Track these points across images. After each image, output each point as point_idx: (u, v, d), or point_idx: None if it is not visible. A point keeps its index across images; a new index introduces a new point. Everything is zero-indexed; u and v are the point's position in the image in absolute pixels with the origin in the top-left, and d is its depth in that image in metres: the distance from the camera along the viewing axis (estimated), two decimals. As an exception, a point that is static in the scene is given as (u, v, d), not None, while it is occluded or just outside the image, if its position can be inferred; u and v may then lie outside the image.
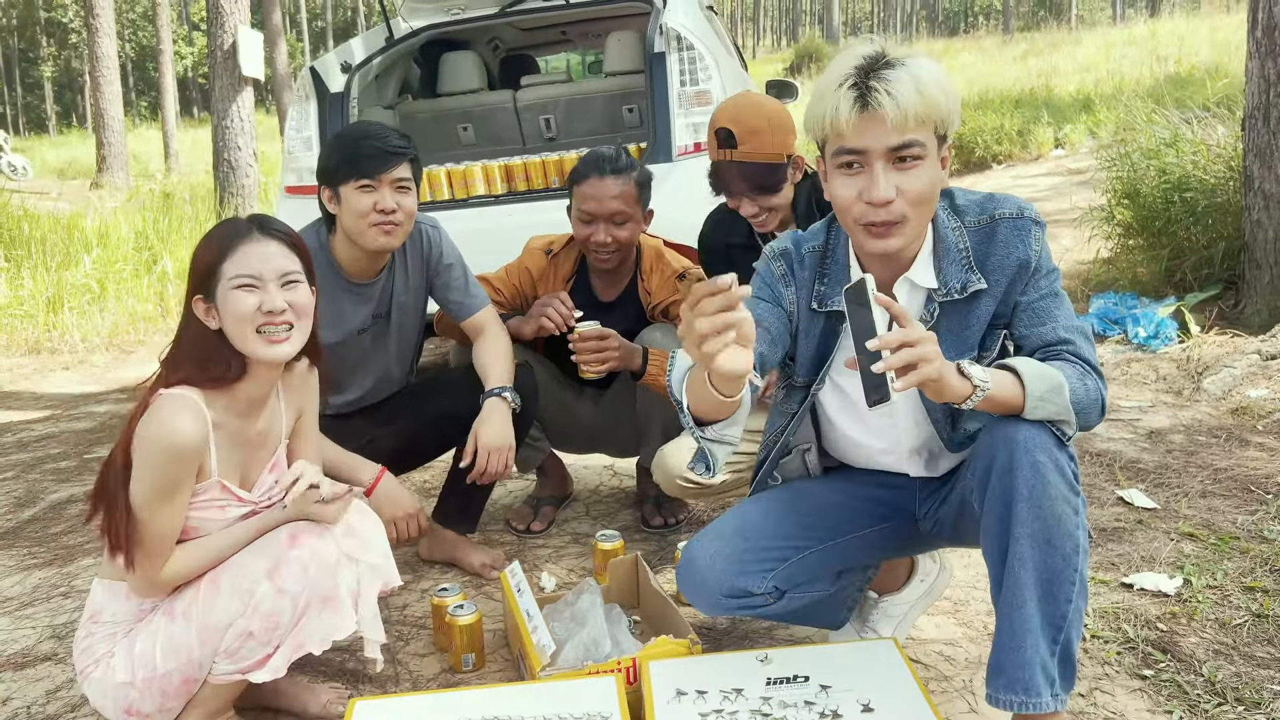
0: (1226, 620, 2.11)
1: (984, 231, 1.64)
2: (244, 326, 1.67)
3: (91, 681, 1.74)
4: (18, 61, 48.34)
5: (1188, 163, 4.91)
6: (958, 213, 1.66)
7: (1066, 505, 1.45)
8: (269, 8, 21.54)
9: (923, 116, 1.47)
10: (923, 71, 1.48)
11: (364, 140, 2.27)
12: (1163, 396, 3.72)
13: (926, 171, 1.51)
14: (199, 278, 1.70)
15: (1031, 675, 1.45)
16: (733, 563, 1.71)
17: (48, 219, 7.76)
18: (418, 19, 4.74)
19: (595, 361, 2.49)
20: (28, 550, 2.94)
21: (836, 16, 36.20)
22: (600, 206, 2.50)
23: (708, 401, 1.47)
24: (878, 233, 1.53)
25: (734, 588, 1.71)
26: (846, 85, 1.48)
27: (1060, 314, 1.62)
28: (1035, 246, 1.62)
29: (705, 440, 1.56)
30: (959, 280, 1.63)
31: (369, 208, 2.24)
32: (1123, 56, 17.05)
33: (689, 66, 3.72)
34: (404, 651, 2.20)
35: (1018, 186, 10.50)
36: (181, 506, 1.66)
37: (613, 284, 2.69)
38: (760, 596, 1.73)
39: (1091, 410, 1.54)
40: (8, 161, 16.84)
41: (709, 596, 1.74)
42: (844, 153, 1.51)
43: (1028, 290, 1.63)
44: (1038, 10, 49.36)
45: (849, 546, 1.82)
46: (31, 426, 4.43)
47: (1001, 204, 1.65)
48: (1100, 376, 1.59)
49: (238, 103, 8.83)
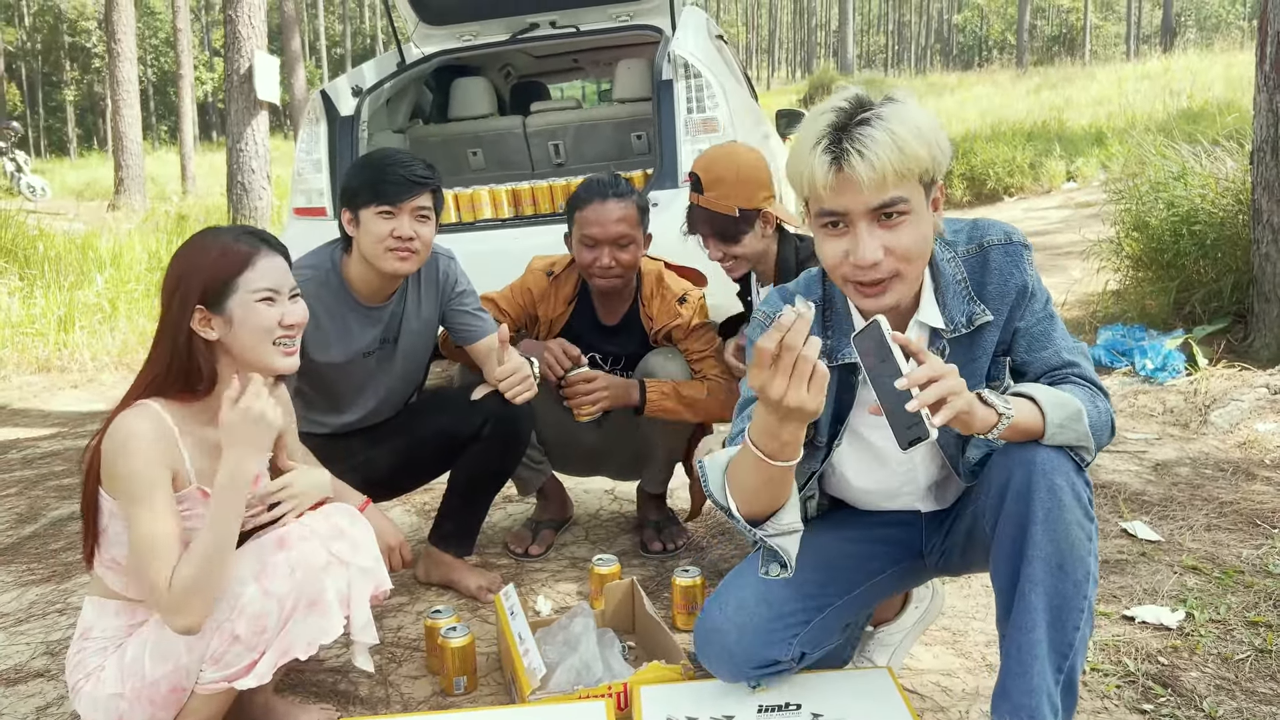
0: (1229, 655, 2.07)
1: (976, 260, 1.62)
2: (263, 338, 1.70)
3: (82, 696, 1.74)
4: (41, 85, 49.02)
5: (1196, 196, 4.90)
6: (948, 244, 1.64)
7: (1081, 531, 1.43)
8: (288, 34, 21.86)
9: (903, 172, 1.39)
10: (901, 124, 1.39)
11: (389, 167, 2.29)
12: (1169, 429, 3.69)
13: (914, 225, 1.44)
14: (208, 290, 1.69)
15: (1038, 703, 1.43)
16: (760, 634, 1.68)
17: (62, 239, 7.84)
18: (430, 45, 4.80)
19: (586, 405, 2.53)
20: (26, 566, 2.94)
21: (851, 49, 36.46)
22: (604, 231, 2.51)
23: (762, 480, 1.41)
24: (869, 292, 1.47)
25: (762, 659, 1.70)
26: (821, 146, 1.41)
27: (1058, 336, 1.62)
28: (1031, 270, 1.62)
29: (769, 538, 1.48)
30: (964, 314, 1.59)
31: (387, 233, 2.26)
32: (1136, 91, 17.08)
33: (696, 94, 3.75)
34: (396, 673, 2.18)
35: (1029, 219, 10.51)
36: (166, 510, 1.63)
37: (614, 308, 2.69)
38: (786, 663, 1.72)
39: (1104, 431, 1.53)
40: (27, 183, 17.01)
41: (735, 669, 1.72)
42: (825, 214, 1.46)
43: (1025, 315, 1.61)
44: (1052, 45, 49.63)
45: (865, 595, 1.79)
46: (37, 444, 4.45)
47: (988, 230, 1.63)
48: (1106, 395, 1.58)
49: (252, 126, 8.92)
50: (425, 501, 3.31)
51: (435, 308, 2.53)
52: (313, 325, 2.32)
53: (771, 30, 67.31)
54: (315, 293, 2.33)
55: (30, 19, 48.26)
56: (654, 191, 3.69)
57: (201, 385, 1.71)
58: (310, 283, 2.33)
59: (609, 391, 2.53)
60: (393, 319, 2.46)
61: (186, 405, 1.71)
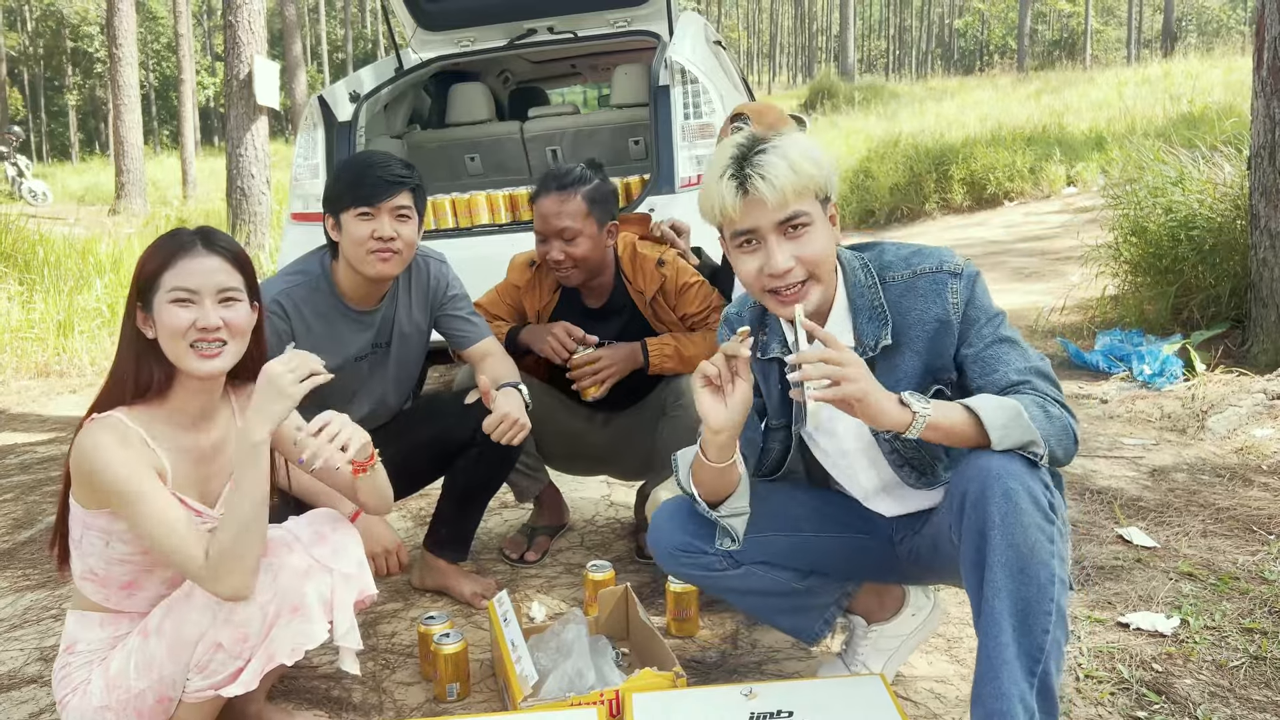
0: (1224, 662, 2.07)
1: (905, 286, 1.70)
2: (176, 341, 1.66)
3: (70, 710, 1.73)
4: (44, 90, 49.09)
5: (1194, 200, 4.91)
6: (884, 268, 1.72)
7: (1040, 534, 1.45)
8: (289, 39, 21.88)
9: (799, 189, 1.58)
10: (792, 149, 1.59)
11: (366, 169, 2.29)
12: (1166, 435, 3.69)
13: (817, 234, 1.62)
14: (140, 287, 1.68)
15: (1009, 707, 1.43)
16: (692, 519, 1.79)
17: (62, 243, 7.84)
18: (428, 50, 4.80)
19: (594, 383, 2.54)
20: (22, 572, 2.94)
21: (852, 54, 36.46)
22: (546, 225, 2.52)
23: (708, 473, 1.67)
24: (788, 299, 1.63)
25: (688, 543, 1.80)
26: (726, 176, 1.60)
27: (1011, 357, 1.63)
28: (953, 299, 1.66)
29: (722, 518, 1.71)
30: (873, 337, 1.69)
31: (367, 235, 2.25)
32: (1136, 96, 17.06)
33: (693, 100, 3.75)
34: (389, 680, 2.18)
35: (1028, 223, 10.52)
36: (162, 495, 1.62)
37: (598, 292, 2.68)
38: (713, 556, 1.80)
39: (1059, 439, 1.54)
40: (28, 187, 17.05)
41: (664, 548, 1.83)
42: (739, 234, 1.63)
43: (971, 342, 1.66)
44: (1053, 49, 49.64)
45: (816, 544, 1.87)
46: (35, 449, 4.45)
47: (925, 258, 1.70)
48: (1064, 406, 1.59)
49: (252, 131, 8.93)
50: (421, 507, 3.31)
51: (426, 311, 2.53)
52: (304, 331, 2.32)
53: (773, 35, 67.36)
54: (306, 298, 2.33)
55: (33, 23, 48.33)
56: (651, 196, 3.69)
57: (154, 383, 1.68)
58: (300, 288, 2.33)
59: (615, 365, 2.56)
60: (384, 323, 2.46)
61: (151, 409, 1.70)
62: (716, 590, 1.91)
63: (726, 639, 2.30)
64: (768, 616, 1.96)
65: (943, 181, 12.58)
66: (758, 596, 1.88)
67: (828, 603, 1.94)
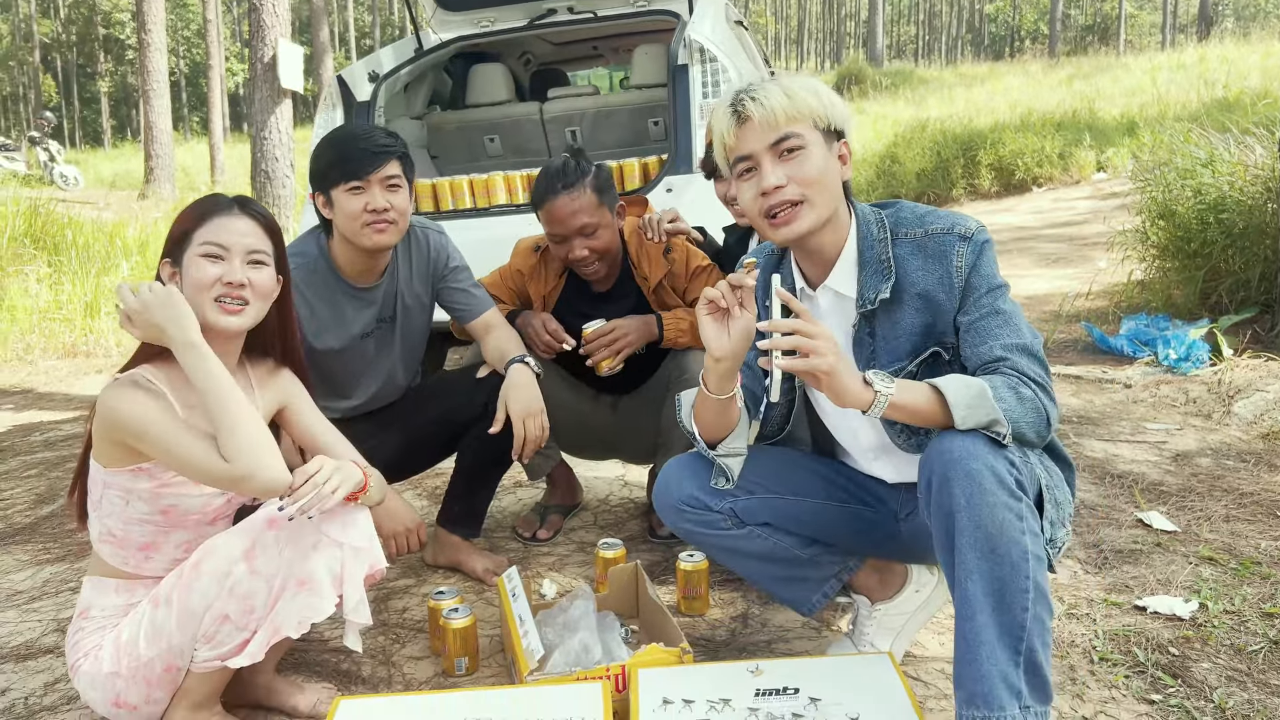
0: (1242, 646, 2.03)
1: (916, 244, 1.70)
2: (203, 293, 1.71)
3: (81, 675, 1.75)
4: (76, 77, 49.61)
5: (1224, 183, 4.81)
6: (899, 224, 1.71)
7: (1008, 511, 1.43)
8: (317, 24, 21.98)
9: (792, 113, 1.63)
10: (793, 81, 1.67)
11: (350, 142, 2.28)
12: (1191, 420, 3.63)
13: (812, 158, 1.64)
14: (171, 242, 1.74)
15: (991, 688, 1.41)
16: (699, 475, 1.82)
17: (91, 227, 7.93)
18: (448, 31, 4.79)
19: (610, 355, 2.52)
20: (42, 546, 2.97)
21: (880, 39, 36.08)
22: (565, 226, 2.49)
23: (709, 407, 1.70)
24: (779, 220, 1.66)
25: (693, 497, 1.83)
26: (727, 105, 1.69)
27: (1002, 332, 1.62)
28: (958, 262, 1.65)
29: (719, 457, 1.77)
30: (874, 291, 1.69)
31: (360, 209, 2.24)
32: (1170, 81, 16.79)
33: (712, 78, 3.72)
34: (399, 654, 2.19)
35: (1057, 209, 10.39)
36: (180, 425, 1.65)
37: (605, 276, 2.67)
38: (717, 514, 1.82)
39: (1029, 420, 1.52)
40: (59, 172, 17.23)
41: (669, 502, 1.85)
42: (738, 161, 1.69)
43: (967, 310, 1.65)
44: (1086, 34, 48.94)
45: (821, 512, 1.87)
46: (60, 426, 4.50)
47: (939, 220, 1.70)
48: (1043, 389, 1.56)
49: (276, 114, 8.98)
50: (436, 485, 3.31)
51: (428, 284, 2.52)
52: (307, 312, 2.32)
53: (800, 21, 66.84)
54: (306, 280, 2.32)
55: (65, 11, 48.83)
56: (669, 176, 3.67)
57: None
58: (300, 271, 2.32)
59: (630, 336, 2.53)
60: (387, 298, 2.46)
61: (174, 370, 1.72)
62: (718, 550, 1.91)
63: (737, 618, 2.29)
64: (767, 584, 1.95)
65: (970, 167, 12.44)
66: (758, 561, 1.89)
67: (827, 575, 1.93)
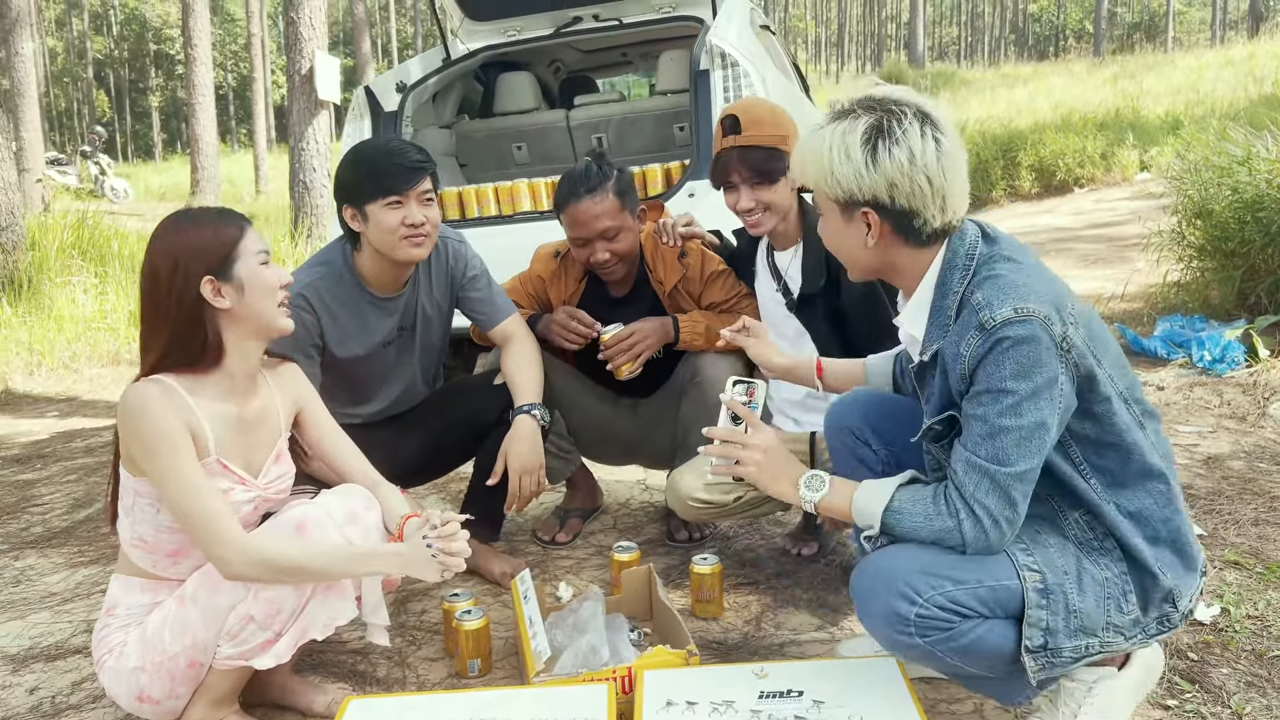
0: (1263, 652, 1.99)
1: (960, 305, 1.57)
2: (270, 296, 1.77)
3: (106, 670, 1.80)
4: (128, 91, 50.77)
5: (1262, 181, 4.71)
6: (977, 273, 1.56)
7: (901, 638, 1.54)
8: (359, 36, 22.27)
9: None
10: (805, 143, 1.66)
11: (386, 158, 2.32)
12: (1225, 422, 3.56)
13: (823, 225, 1.70)
14: (216, 260, 1.73)
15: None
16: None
17: (136, 238, 8.11)
18: (475, 40, 4.85)
19: (630, 359, 2.53)
20: (77, 549, 3.05)
21: (921, 41, 35.80)
22: (587, 229, 2.51)
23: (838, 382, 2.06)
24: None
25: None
26: None
27: (974, 443, 1.51)
28: (965, 350, 1.50)
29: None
30: (932, 343, 1.61)
31: (398, 223, 2.28)
32: (1217, 79, 16.48)
33: (734, 83, 3.72)
34: (414, 655, 2.21)
35: (1098, 210, 10.23)
36: (194, 473, 1.69)
37: (624, 279, 2.69)
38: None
39: (935, 536, 1.54)
40: (109, 185, 17.66)
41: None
42: None
43: (966, 401, 1.54)
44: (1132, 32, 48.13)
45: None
46: (100, 433, 4.61)
47: (988, 288, 1.52)
48: (976, 520, 1.49)
49: (314, 126, 9.11)
50: (460, 489, 3.34)
51: (448, 292, 2.55)
52: (331, 322, 2.37)
53: (841, 24, 66.47)
54: (331, 290, 2.37)
55: (117, 27, 50.03)
56: (691, 181, 3.68)
57: (208, 356, 1.75)
58: (325, 280, 2.37)
59: (648, 339, 2.54)
60: (408, 307, 2.49)
61: (196, 379, 1.76)
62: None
63: (750, 621, 2.29)
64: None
65: (1010, 168, 12.29)
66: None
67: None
